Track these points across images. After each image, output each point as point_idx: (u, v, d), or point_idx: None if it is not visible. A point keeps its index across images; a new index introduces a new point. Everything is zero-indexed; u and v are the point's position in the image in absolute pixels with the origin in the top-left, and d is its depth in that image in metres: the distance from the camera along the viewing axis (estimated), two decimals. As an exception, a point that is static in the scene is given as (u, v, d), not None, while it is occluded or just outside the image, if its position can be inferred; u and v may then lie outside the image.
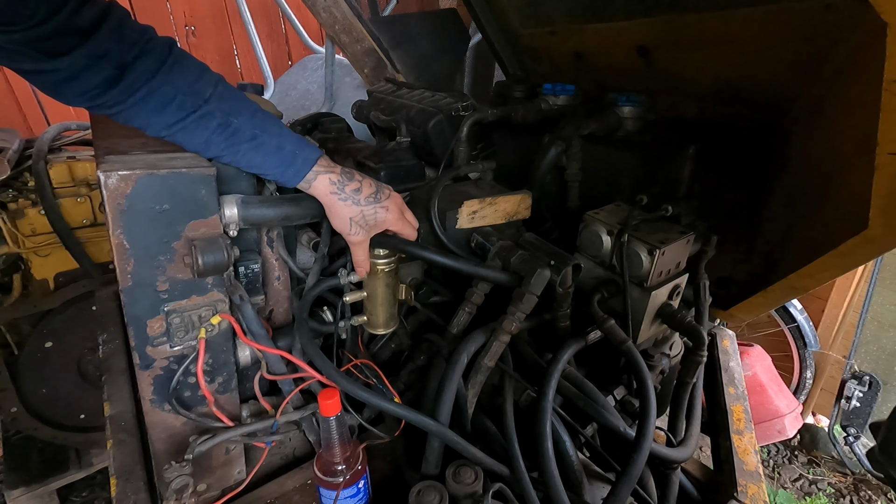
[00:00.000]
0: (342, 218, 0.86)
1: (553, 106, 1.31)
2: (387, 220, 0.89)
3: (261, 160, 0.79)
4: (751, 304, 1.14)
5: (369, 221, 0.87)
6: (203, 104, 0.72)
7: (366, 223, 0.87)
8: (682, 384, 1.05)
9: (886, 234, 0.78)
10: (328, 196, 0.84)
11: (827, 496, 2.41)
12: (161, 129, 0.73)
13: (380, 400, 0.82)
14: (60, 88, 0.65)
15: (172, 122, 0.72)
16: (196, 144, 0.75)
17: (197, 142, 0.74)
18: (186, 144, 0.75)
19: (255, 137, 0.77)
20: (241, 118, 0.75)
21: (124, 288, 0.74)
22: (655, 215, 1.06)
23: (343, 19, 2.16)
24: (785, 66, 1.03)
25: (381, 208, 0.87)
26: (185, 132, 0.73)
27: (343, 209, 0.85)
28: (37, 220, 1.70)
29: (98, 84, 0.65)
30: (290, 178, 0.82)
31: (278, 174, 0.81)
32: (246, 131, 0.76)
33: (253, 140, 0.77)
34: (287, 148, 0.80)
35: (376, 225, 0.88)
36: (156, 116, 0.71)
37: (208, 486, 0.89)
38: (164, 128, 0.72)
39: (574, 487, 0.86)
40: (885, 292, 2.46)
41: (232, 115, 0.75)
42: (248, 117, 0.76)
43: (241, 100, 0.77)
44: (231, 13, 3.24)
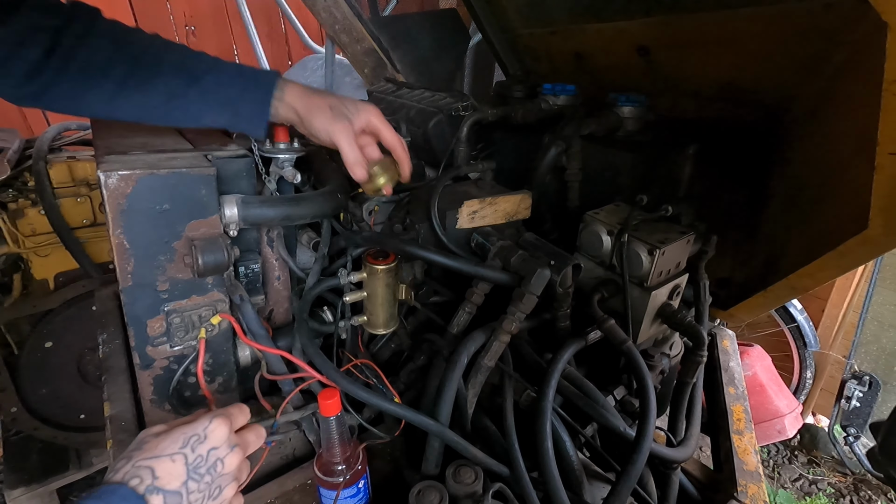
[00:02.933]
0: (321, 109, 0.82)
1: (553, 106, 1.31)
2: (368, 110, 0.87)
3: (225, 95, 0.78)
4: (751, 304, 1.14)
5: (349, 108, 0.84)
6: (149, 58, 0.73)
7: (346, 109, 0.84)
8: (682, 384, 1.05)
9: (886, 234, 0.78)
10: (302, 96, 0.82)
11: (827, 496, 2.41)
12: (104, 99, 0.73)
13: (380, 400, 0.82)
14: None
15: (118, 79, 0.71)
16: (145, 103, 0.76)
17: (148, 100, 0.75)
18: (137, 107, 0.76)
19: (206, 73, 0.77)
20: (192, 60, 0.76)
21: (124, 288, 0.74)
22: (655, 215, 1.06)
23: (343, 19, 2.16)
24: (785, 65, 1.03)
25: (360, 102, 0.86)
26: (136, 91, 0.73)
27: (319, 100, 0.83)
28: (37, 220, 1.70)
29: (35, 59, 0.66)
30: (260, 99, 0.80)
31: (246, 103, 0.80)
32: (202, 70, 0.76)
33: (207, 76, 0.77)
34: (245, 72, 0.79)
35: (357, 114, 0.85)
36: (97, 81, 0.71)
37: (208, 486, 0.89)
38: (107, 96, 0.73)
39: (574, 487, 0.86)
40: (885, 292, 2.46)
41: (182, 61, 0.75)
42: (195, 59, 0.77)
43: (181, 48, 0.77)
44: (231, 13, 3.24)
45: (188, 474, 0.54)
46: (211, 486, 0.56)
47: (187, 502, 0.54)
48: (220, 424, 0.59)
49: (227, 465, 0.58)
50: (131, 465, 0.52)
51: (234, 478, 0.60)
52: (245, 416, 0.65)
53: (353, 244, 1.00)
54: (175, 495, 0.53)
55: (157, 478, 0.52)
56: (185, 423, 0.58)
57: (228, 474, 0.59)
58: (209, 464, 0.56)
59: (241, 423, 0.65)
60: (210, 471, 0.56)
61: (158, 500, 0.51)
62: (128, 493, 0.49)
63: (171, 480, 0.53)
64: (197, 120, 0.80)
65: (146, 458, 0.53)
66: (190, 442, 0.56)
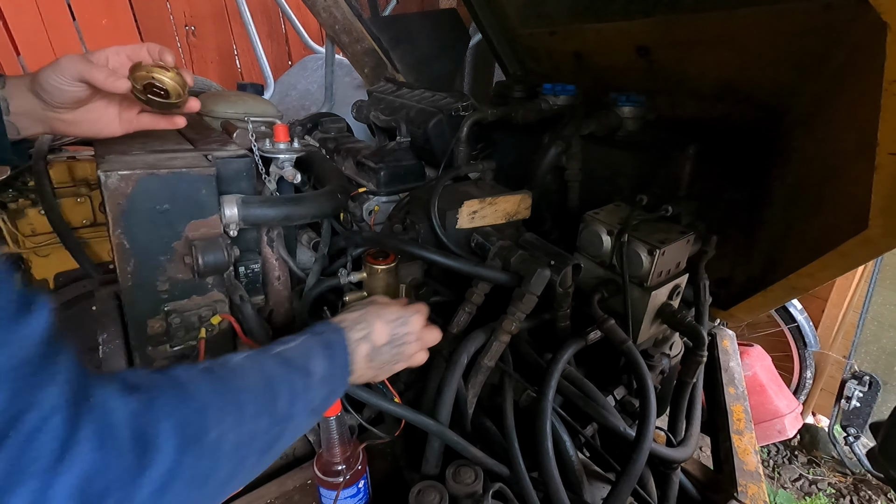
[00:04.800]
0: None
1: (553, 106, 1.31)
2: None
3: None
4: (751, 304, 1.14)
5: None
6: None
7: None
8: (682, 384, 1.05)
9: (886, 235, 0.78)
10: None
11: (827, 496, 2.41)
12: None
13: (380, 400, 0.82)
14: None
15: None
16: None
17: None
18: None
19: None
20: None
21: (124, 288, 0.74)
22: (655, 215, 1.06)
23: (343, 19, 2.16)
24: (785, 65, 1.03)
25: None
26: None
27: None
28: (37, 220, 1.70)
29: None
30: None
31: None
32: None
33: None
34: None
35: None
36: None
37: (208, 486, 0.89)
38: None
39: (574, 487, 0.86)
40: (885, 292, 2.46)
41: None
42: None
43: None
44: (231, 13, 3.25)
45: (388, 340, 0.72)
46: (395, 355, 0.74)
47: (378, 355, 0.72)
48: (418, 318, 0.77)
49: (410, 348, 0.76)
50: (361, 314, 0.72)
51: (409, 358, 0.77)
52: (426, 316, 0.82)
53: (353, 244, 1.00)
54: (376, 350, 0.71)
55: (372, 331, 0.71)
56: (400, 305, 0.77)
57: (407, 355, 0.76)
58: (401, 341, 0.74)
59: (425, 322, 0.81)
60: (399, 346, 0.74)
61: (366, 348, 0.70)
62: (336, 341, 0.67)
63: (379, 338, 0.72)
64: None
65: (373, 315, 0.73)
66: (398, 320, 0.74)
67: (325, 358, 0.64)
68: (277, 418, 0.56)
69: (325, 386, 0.64)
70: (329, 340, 0.67)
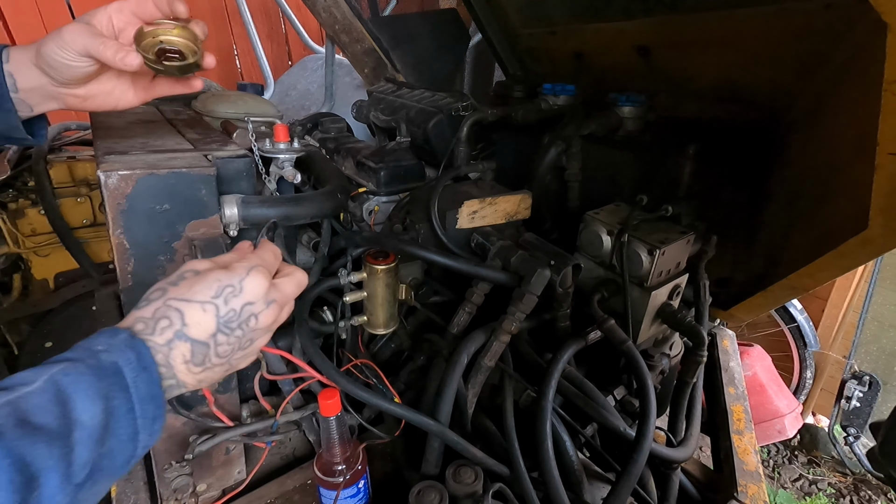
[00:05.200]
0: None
1: (553, 106, 1.31)
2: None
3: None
4: (751, 304, 1.14)
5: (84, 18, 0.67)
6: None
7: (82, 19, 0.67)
8: (682, 384, 1.05)
9: (886, 234, 0.78)
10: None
11: (827, 496, 2.40)
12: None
13: (380, 400, 0.82)
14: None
15: None
16: None
17: None
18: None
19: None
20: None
21: (124, 288, 0.74)
22: (655, 215, 1.06)
23: (343, 19, 2.16)
24: (785, 65, 1.03)
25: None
26: None
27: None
28: (37, 220, 1.70)
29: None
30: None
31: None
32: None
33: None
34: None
35: (94, 13, 0.66)
36: None
37: (208, 486, 0.89)
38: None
39: (574, 487, 0.86)
40: (885, 292, 2.46)
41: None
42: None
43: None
44: (231, 13, 3.25)
45: (218, 327, 0.52)
46: (242, 339, 0.54)
47: (215, 353, 0.52)
48: (257, 277, 0.55)
49: (261, 320, 0.55)
50: (163, 303, 0.50)
51: (269, 329, 0.57)
52: (278, 261, 0.62)
53: (353, 244, 1.00)
54: (202, 346, 0.51)
55: (186, 324, 0.50)
56: (223, 269, 0.54)
57: (262, 328, 0.56)
58: (242, 318, 0.53)
59: (275, 269, 0.61)
60: (242, 326, 0.53)
61: (185, 349, 0.49)
62: (125, 362, 0.45)
63: (201, 331, 0.50)
64: None
65: (179, 298, 0.51)
66: (224, 293, 0.52)
67: (104, 397, 0.43)
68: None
69: (120, 437, 0.44)
70: (109, 366, 0.44)
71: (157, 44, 0.66)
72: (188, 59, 0.68)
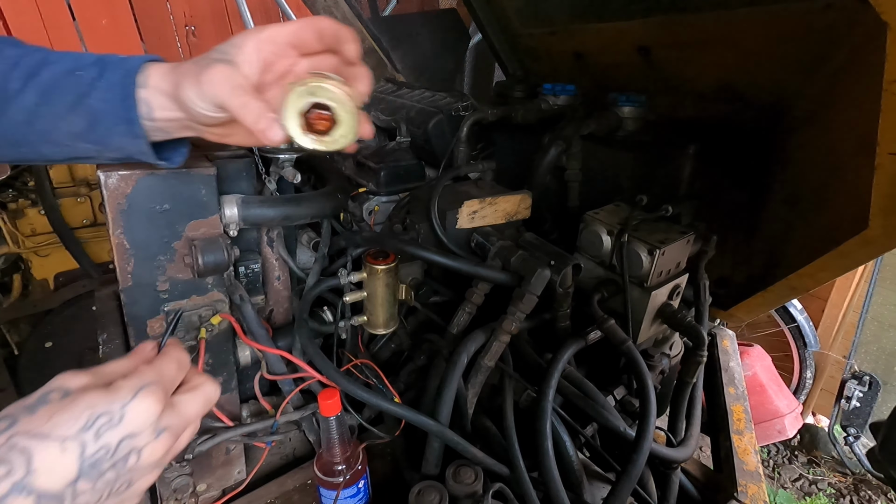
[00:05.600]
0: (189, 72, 0.56)
1: (553, 106, 1.31)
2: (263, 29, 0.57)
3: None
4: (751, 304, 1.14)
5: (230, 44, 0.57)
6: None
7: (225, 47, 0.57)
8: (682, 384, 1.05)
9: (886, 234, 0.78)
10: (171, 69, 0.58)
11: (827, 496, 2.40)
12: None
13: (380, 400, 0.82)
14: None
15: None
16: None
17: None
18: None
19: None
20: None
21: (124, 288, 0.74)
22: (655, 215, 1.06)
23: (343, 19, 2.16)
24: (785, 65, 1.03)
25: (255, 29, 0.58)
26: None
27: (189, 64, 0.57)
28: (37, 220, 1.70)
29: None
30: (117, 87, 0.56)
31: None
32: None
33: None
34: (97, 60, 0.57)
35: (244, 43, 0.56)
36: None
37: (208, 485, 0.89)
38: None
39: (574, 487, 0.86)
40: (885, 292, 2.46)
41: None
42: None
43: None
44: (231, 13, 3.24)
45: (81, 471, 0.39)
46: (115, 483, 0.41)
47: (68, 500, 0.38)
48: (144, 401, 0.42)
49: (145, 456, 0.42)
50: (6, 439, 0.37)
51: (156, 466, 0.45)
52: (184, 371, 0.50)
53: (353, 244, 1.00)
54: (53, 500, 0.37)
55: (32, 471, 0.36)
56: (103, 388, 0.42)
57: (146, 466, 0.43)
58: (118, 457, 0.41)
59: (178, 382, 0.49)
60: (117, 465, 0.41)
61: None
62: None
63: (54, 478, 0.37)
64: (49, 135, 0.57)
65: (30, 433, 0.38)
66: (97, 423, 0.40)
67: None
68: None
69: None
70: None
71: (308, 97, 0.54)
72: (339, 127, 0.55)
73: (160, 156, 0.62)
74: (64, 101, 0.55)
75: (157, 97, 0.57)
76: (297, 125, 0.55)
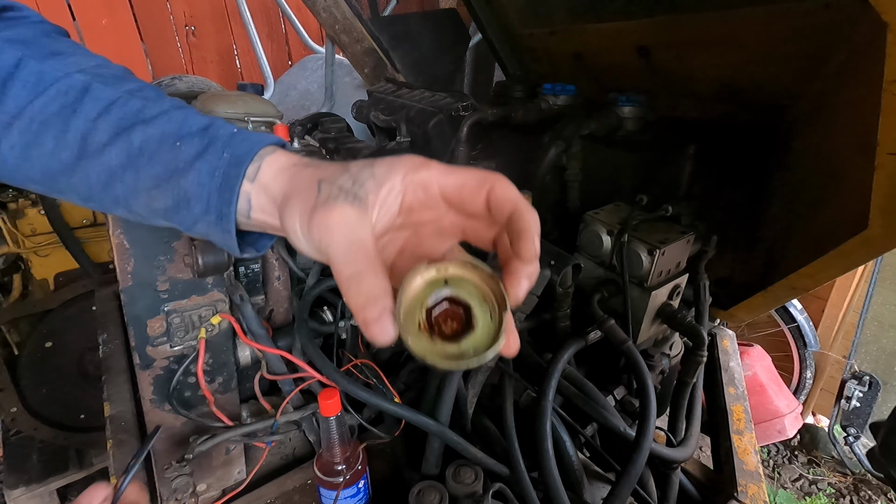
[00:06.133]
0: (305, 190, 0.43)
1: (553, 106, 1.31)
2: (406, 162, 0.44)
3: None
4: (751, 304, 1.14)
5: (363, 176, 0.42)
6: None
7: (355, 178, 0.42)
8: (682, 384, 1.05)
9: (886, 234, 0.78)
10: (288, 169, 0.45)
11: (827, 496, 2.40)
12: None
13: (380, 400, 0.82)
14: None
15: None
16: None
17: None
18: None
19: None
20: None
21: (124, 288, 0.74)
22: (655, 215, 1.06)
23: (343, 19, 2.16)
24: (785, 65, 1.03)
25: (393, 159, 0.44)
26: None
27: (310, 174, 0.44)
28: (37, 220, 1.70)
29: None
30: (220, 173, 0.44)
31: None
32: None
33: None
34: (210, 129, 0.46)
35: (386, 177, 0.42)
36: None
37: (208, 486, 0.89)
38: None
39: (574, 487, 0.86)
40: (885, 292, 2.46)
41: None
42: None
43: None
44: (231, 13, 3.24)
45: None
46: None
47: None
48: None
49: None
50: None
51: None
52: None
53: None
54: None
55: None
56: None
57: None
58: None
59: None
60: None
61: None
62: None
63: None
64: (125, 201, 0.47)
65: None
66: None
67: None
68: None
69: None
70: None
71: (441, 289, 0.40)
72: (473, 335, 0.38)
73: (244, 248, 0.50)
74: (153, 171, 0.45)
75: (262, 198, 0.44)
76: (417, 322, 0.39)
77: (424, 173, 0.42)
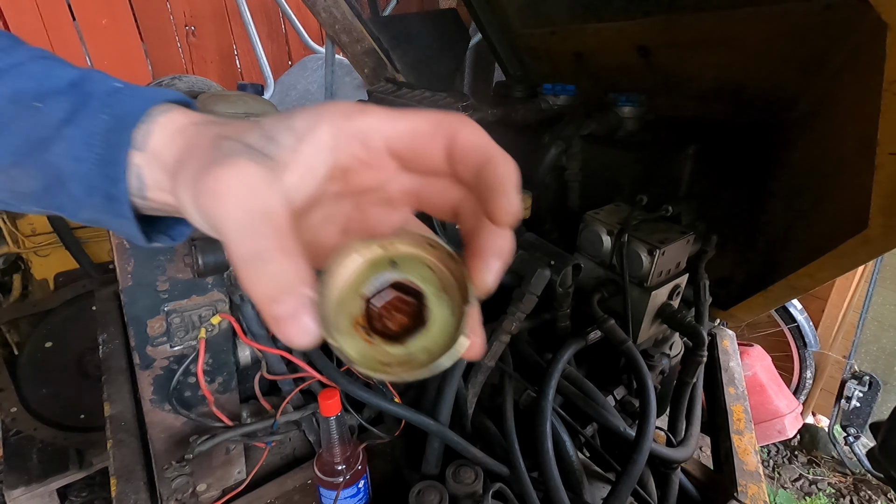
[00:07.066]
0: (200, 150, 0.32)
1: (553, 106, 1.31)
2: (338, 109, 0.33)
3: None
4: (751, 304, 1.14)
5: (281, 128, 0.31)
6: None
7: (269, 132, 0.31)
8: (682, 384, 1.05)
9: (886, 234, 0.78)
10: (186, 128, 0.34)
11: (827, 496, 2.40)
12: None
13: (380, 400, 0.82)
14: None
15: None
16: None
17: None
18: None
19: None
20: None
21: (124, 288, 0.74)
22: (655, 215, 1.06)
23: (343, 19, 2.16)
24: (785, 65, 1.03)
25: (321, 105, 0.34)
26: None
27: (212, 129, 0.33)
28: (37, 220, 1.70)
29: None
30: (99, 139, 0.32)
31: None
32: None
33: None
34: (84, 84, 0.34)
35: (308, 135, 0.30)
36: None
37: (208, 486, 0.89)
38: None
39: (574, 487, 0.86)
40: (885, 292, 2.46)
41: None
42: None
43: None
44: (231, 13, 3.24)
45: None
46: None
47: None
48: None
49: None
50: None
51: None
52: None
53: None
54: None
55: None
56: None
57: None
58: None
59: None
60: None
61: None
62: None
63: None
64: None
65: None
66: None
67: None
68: None
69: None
70: None
71: (386, 270, 0.31)
72: (425, 333, 0.30)
73: (153, 236, 0.39)
74: (8, 144, 0.33)
75: (155, 171, 0.33)
76: (351, 316, 0.30)
77: (361, 121, 0.31)
